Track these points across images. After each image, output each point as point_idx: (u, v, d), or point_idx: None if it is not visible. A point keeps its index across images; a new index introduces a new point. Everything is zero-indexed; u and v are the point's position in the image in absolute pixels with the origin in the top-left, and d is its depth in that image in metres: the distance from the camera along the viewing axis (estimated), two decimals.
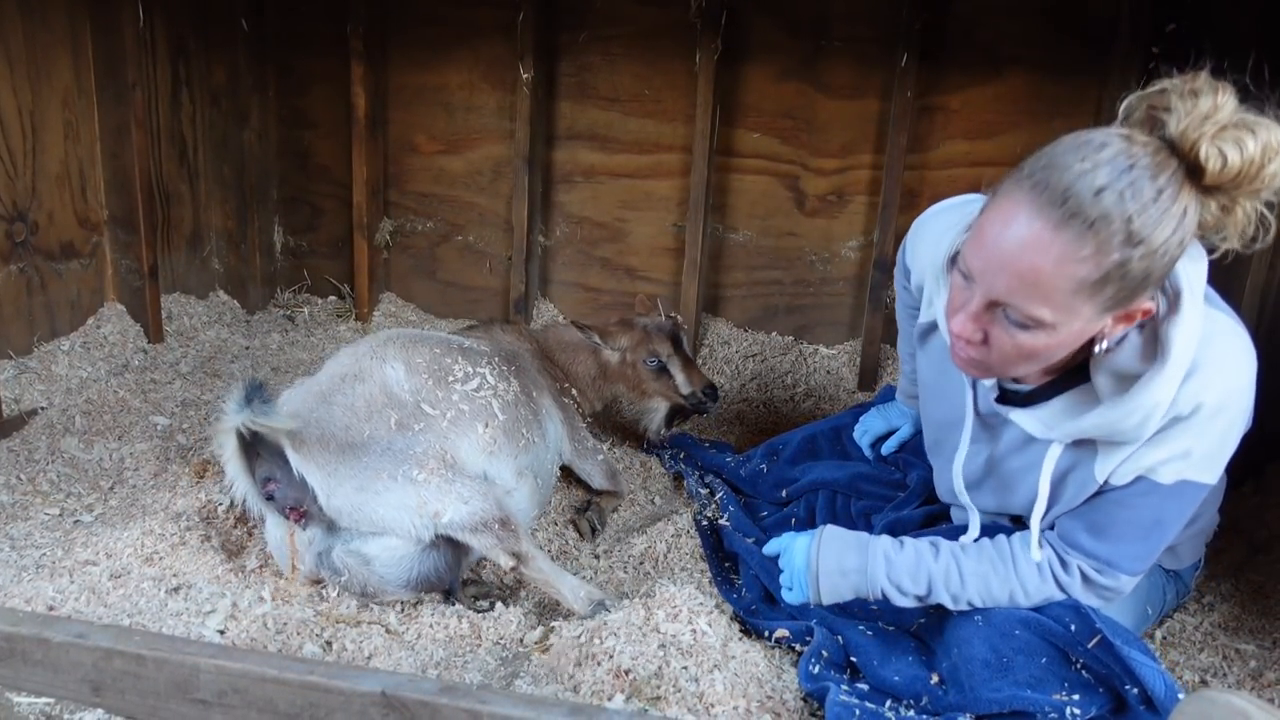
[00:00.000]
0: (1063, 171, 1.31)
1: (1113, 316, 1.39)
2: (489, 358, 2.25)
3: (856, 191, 3.48)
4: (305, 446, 1.85)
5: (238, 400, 1.77)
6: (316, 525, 1.89)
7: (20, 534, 2.14)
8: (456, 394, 2.07)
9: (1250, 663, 1.84)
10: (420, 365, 2.08)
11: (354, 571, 1.90)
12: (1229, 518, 2.26)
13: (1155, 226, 1.29)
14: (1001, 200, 1.37)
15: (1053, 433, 1.55)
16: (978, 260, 1.40)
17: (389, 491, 1.86)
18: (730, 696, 1.56)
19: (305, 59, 3.75)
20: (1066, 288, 1.33)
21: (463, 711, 1.40)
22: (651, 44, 3.47)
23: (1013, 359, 1.45)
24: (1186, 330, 1.39)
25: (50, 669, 1.55)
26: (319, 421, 1.91)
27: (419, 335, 2.23)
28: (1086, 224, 1.29)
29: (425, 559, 1.92)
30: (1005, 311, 1.39)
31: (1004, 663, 1.59)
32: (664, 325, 2.72)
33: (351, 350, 2.14)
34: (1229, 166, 1.28)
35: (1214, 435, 1.46)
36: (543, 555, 1.96)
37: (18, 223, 2.83)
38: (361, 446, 1.88)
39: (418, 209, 3.87)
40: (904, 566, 1.69)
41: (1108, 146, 1.31)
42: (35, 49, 2.81)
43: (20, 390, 2.76)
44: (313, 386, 2.03)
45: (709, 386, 2.67)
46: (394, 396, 1.99)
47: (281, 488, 1.85)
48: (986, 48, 3.23)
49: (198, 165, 3.51)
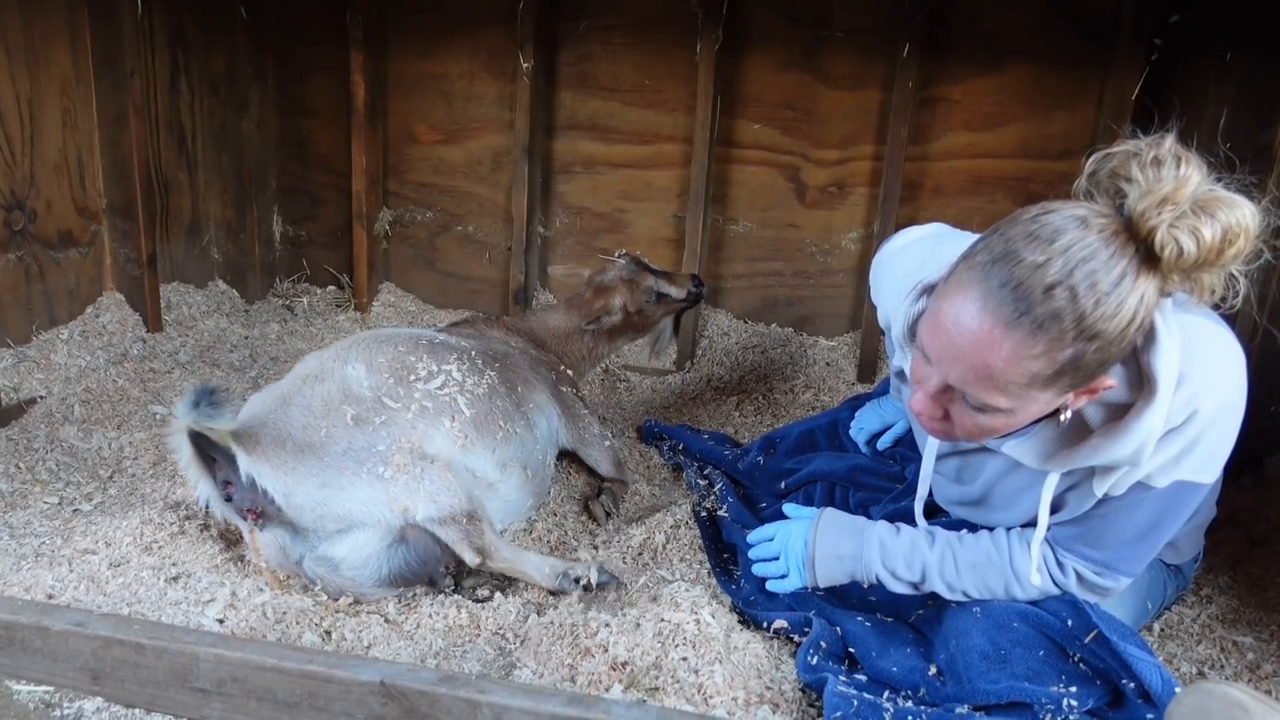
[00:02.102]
0: (1014, 265, 1.27)
1: (1074, 394, 1.38)
2: (460, 353, 2.24)
3: (857, 183, 3.47)
4: (259, 448, 1.85)
5: (187, 403, 1.78)
6: (277, 526, 1.90)
7: (19, 522, 2.14)
8: (419, 391, 2.06)
9: (1248, 655, 1.84)
10: (382, 364, 2.07)
11: (326, 579, 1.91)
12: (1227, 511, 2.26)
13: (1110, 319, 1.25)
14: (955, 288, 1.35)
15: (1047, 465, 1.53)
16: (933, 347, 1.38)
17: (354, 487, 1.86)
18: (729, 687, 1.56)
19: (304, 47, 3.73)
20: (1020, 381, 1.32)
21: (461, 701, 1.41)
22: (652, 34, 3.45)
23: (974, 434, 1.46)
24: (1168, 356, 1.36)
25: (49, 657, 1.55)
26: (275, 422, 1.90)
27: (387, 335, 2.22)
28: (1036, 323, 1.26)
29: (394, 555, 1.92)
30: (963, 395, 1.39)
31: (1002, 655, 1.59)
32: (628, 265, 2.80)
33: (317, 354, 2.15)
34: (1185, 256, 1.24)
35: (1211, 438, 1.44)
36: (503, 543, 1.96)
37: (16, 211, 2.82)
38: (320, 445, 1.88)
39: (417, 199, 3.86)
40: (899, 553, 1.72)
41: (1062, 235, 1.26)
42: (33, 36, 2.79)
43: (19, 379, 2.76)
44: (275, 390, 2.04)
45: (693, 278, 2.87)
46: (351, 394, 1.98)
47: (238, 490, 1.86)
48: (988, 39, 3.22)
49: (196, 154, 3.50)
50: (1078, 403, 1.41)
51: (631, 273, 2.79)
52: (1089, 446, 1.44)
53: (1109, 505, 1.53)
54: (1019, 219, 1.32)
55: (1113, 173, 1.34)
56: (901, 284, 1.70)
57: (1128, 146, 1.33)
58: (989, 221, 1.41)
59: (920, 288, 1.59)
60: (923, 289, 1.58)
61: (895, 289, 1.77)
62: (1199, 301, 1.37)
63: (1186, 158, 1.28)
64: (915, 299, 1.59)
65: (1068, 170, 3.27)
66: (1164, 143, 1.29)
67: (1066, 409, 1.42)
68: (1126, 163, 1.32)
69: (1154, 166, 1.28)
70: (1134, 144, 1.32)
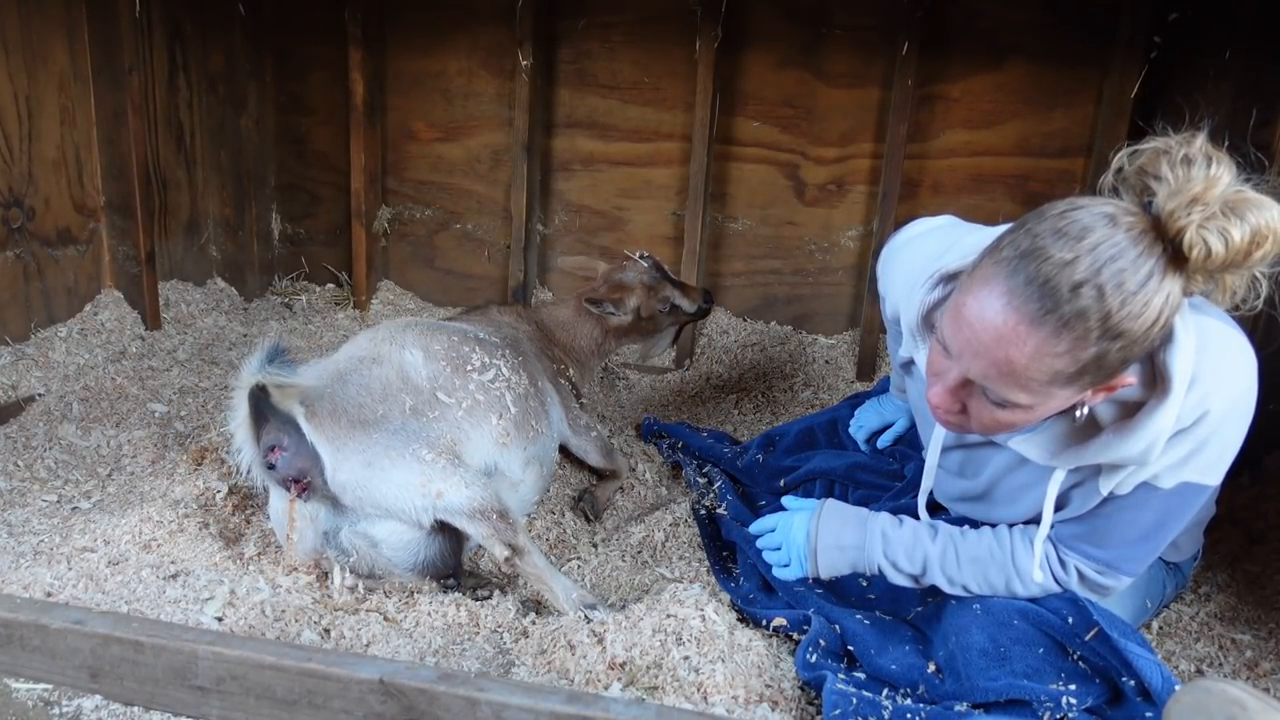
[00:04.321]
0: (1041, 261, 1.26)
1: (1092, 390, 1.37)
2: (502, 349, 2.26)
3: (856, 180, 3.47)
4: (317, 418, 1.85)
5: (259, 358, 1.77)
6: (317, 500, 1.89)
7: (18, 520, 2.14)
8: (473, 383, 2.07)
9: (1246, 652, 1.84)
10: (438, 352, 2.08)
11: (362, 553, 1.91)
12: (1226, 508, 2.26)
13: (1136, 318, 1.25)
14: (979, 282, 1.33)
15: (1055, 460, 1.52)
16: (954, 341, 1.37)
17: (395, 468, 1.86)
18: (729, 685, 1.56)
19: (303, 44, 3.73)
20: (1042, 378, 1.31)
21: (460, 699, 1.40)
22: (651, 31, 3.45)
23: (992, 428, 1.45)
24: (1183, 355, 1.35)
25: (48, 655, 1.55)
26: (332, 396, 1.91)
27: (434, 324, 2.24)
28: (1062, 321, 1.25)
29: (431, 543, 1.94)
30: (983, 389, 1.38)
31: (1001, 652, 1.59)
32: (648, 269, 2.78)
33: (370, 335, 2.15)
34: (1213, 257, 1.23)
35: (1219, 440, 1.44)
36: (539, 552, 1.95)
37: (14, 208, 2.82)
38: (374, 424, 1.89)
39: (416, 196, 3.86)
40: (901, 545, 1.72)
41: (1090, 232, 1.25)
42: (31, 33, 2.79)
43: (18, 377, 2.76)
44: (329, 366, 2.04)
45: (704, 293, 2.86)
46: (410, 382, 2.00)
47: (286, 456, 1.83)
48: (988, 37, 3.22)
49: (195, 151, 3.49)
50: (1094, 400, 1.40)
51: (652, 279, 2.76)
52: (1099, 443, 1.44)
53: (1113, 504, 1.53)
54: (1046, 214, 1.31)
55: (1140, 169, 1.33)
56: (915, 273, 1.70)
57: (1156, 144, 1.31)
58: (988, 219, 1.41)
59: (939, 275, 1.57)
60: (941, 277, 1.57)
61: (908, 279, 1.76)
62: (1219, 302, 1.36)
63: (1218, 157, 1.26)
64: (932, 287, 1.58)
65: (1067, 168, 3.28)
66: (1195, 141, 1.28)
67: (1083, 406, 1.42)
68: (1155, 160, 1.30)
69: (1184, 165, 1.26)
70: (1163, 141, 1.31)
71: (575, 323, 2.74)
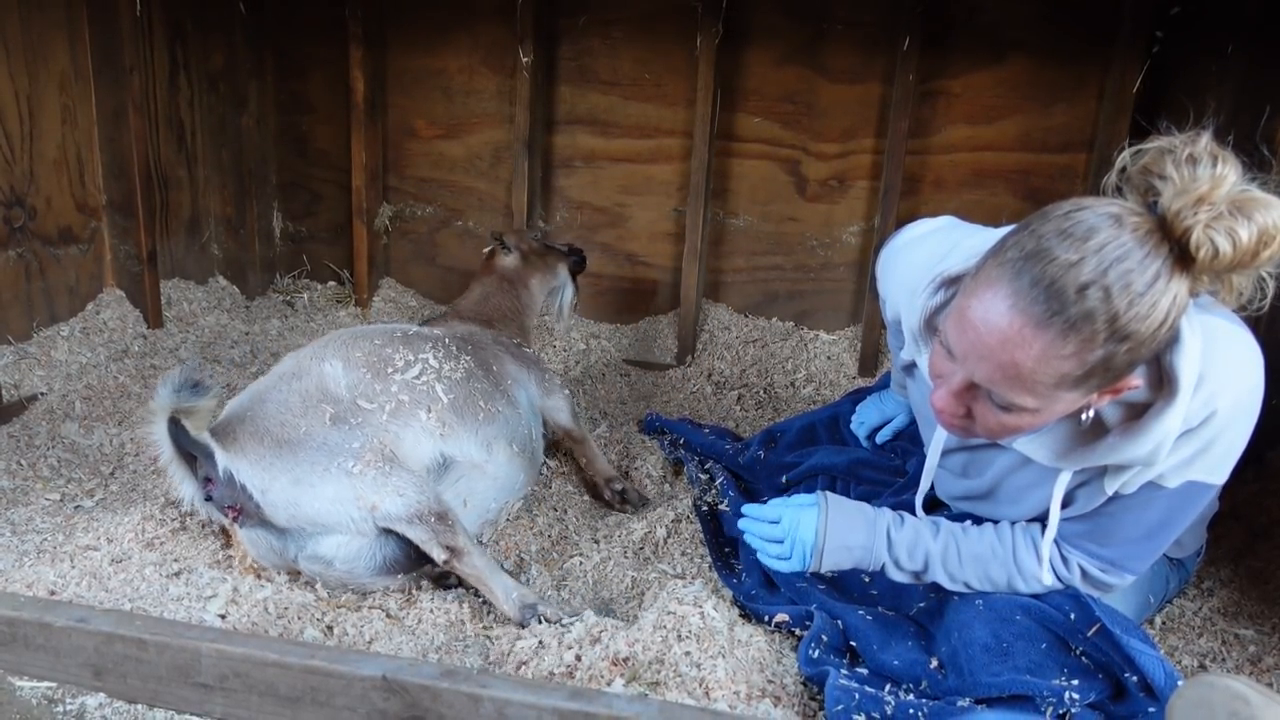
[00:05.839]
0: (1046, 263, 1.24)
1: (1099, 393, 1.36)
2: (435, 341, 2.26)
3: (858, 176, 3.47)
4: (236, 443, 1.85)
5: (166, 391, 1.76)
6: (258, 525, 1.89)
7: (21, 519, 2.14)
8: (396, 384, 2.06)
9: (1249, 648, 1.84)
10: (358, 360, 2.07)
11: (323, 575, 1.92)
12: (1229, 504, 2.26)
13: (1143, 320, 1.23)
14: (984, 285, 1.32)
15: (1061, 462, 1.51)
16: (959, 344, 1.36)
17: (324, 483, 1.85)
18: (731, 681, 1.56)
19: (303, 43, 3.73)
20: (1048, 381, 1.30)
21: (463, 695, 1.41)
22: (652, 28, 3.44)
23: (997, 432, 1.43)
24: (1190, 356, 1.34)
25: (52, 653, 1.55)
26: (254, 418, 1.90)
27: (364, 331, 2.22)
28: (1069, 324, 1.24)
29: (385, 544, 1.93)
30: (988, 393, 1.37)
31: (1004, 648, 1.59)
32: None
33: (294, 353, 2.15)
34: (1220, 258, 1.21)
35: (1226, 440, 1.43)
36: (479, 552, 1.92)
37: (15, 208, 2.82)
38: (297, 442, 1.88)
39: (417, 194, 3.85)
40: (903, 543, 1.72)
41: (1096, 233, 1.23)
42: (31, 33, 2.79)
43: (20, 376, 2.76)
44: (254, 388, 2.04)
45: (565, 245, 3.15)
46: (329, 393, 1.98)
47: (219, 487, 1.84)
48: (989, 32, 3.21)
49: (196, 150, 3.50)
50: (1100, 402, 1.39)
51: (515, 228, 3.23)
52: (1105, 445, 1.43)
53: (1118, 503, 1.52)
54: (1050, 215, 1.29)
55: (1144, 169, 1.31)
56: (915, 277, 1.68)
57: (1161, 142, 1.30)
58: (990, 215, 1.39)
59: (941, 279, 1.56)
60: (943, 280, 1.56)
61: (908, 282, 1.74)
62: (1225, 302, 1.35)
63: (1223, 156, 1.25)
64: (934, 291, 1.56)
65: (1068, 163, 3.27)
66: (1200, 139, 1.26)
67: (1089, 408, 1.41)
68: (1160, 159, 1.29)
69: (1189, 164, 1.25)
70: (1167, 140, 1.29)
71: (487, 295, 2.85)
